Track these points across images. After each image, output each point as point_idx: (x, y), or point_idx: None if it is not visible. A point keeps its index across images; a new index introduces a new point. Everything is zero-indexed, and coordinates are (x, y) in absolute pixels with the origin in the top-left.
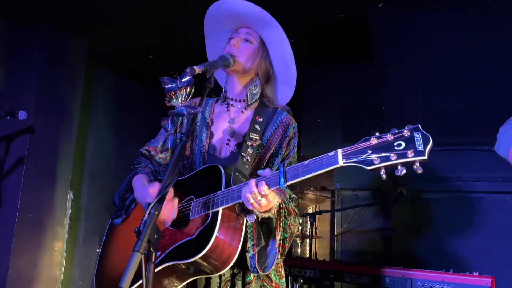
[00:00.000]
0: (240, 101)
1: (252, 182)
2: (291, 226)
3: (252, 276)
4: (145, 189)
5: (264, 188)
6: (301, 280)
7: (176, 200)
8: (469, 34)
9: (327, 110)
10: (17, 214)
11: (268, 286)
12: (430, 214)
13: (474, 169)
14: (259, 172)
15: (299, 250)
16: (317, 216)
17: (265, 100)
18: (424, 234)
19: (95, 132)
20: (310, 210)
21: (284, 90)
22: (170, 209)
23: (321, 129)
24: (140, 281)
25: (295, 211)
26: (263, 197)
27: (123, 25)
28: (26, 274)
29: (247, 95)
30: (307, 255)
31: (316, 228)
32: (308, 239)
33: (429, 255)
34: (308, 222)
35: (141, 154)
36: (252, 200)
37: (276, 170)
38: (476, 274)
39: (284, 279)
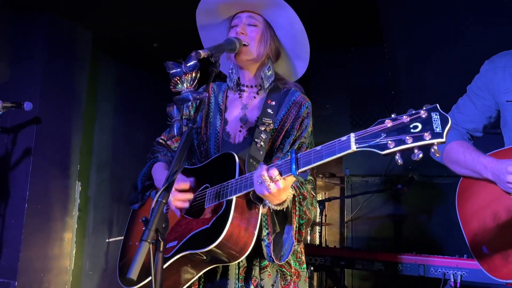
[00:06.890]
0: (252, 86)
1: (263, 165)
2: (307, 212)
3: (267, 261)
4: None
5: (274, 172)
6: (312, 268)
7: (190, 192)
8: (481, 15)
9: (336, 95)
10: (26, 205)
11: (287, 272)
12: (442, 199)
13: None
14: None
15: (309, 238)
16: (326, 203)
17: (278, 81)
18: (436, 220)
19: (102, 121)
20: (320, 197)
21: (297, 64)
22: (183, 199)
23: (329, 115)
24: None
25: (312, 194)
26: (273, 182)
27: (126, 13)
28: (36, 265)
29: (262, 79)
30: (317, 242)
31: (325, 215)
32: (317, 227)
33: (442, 241)
34: (318, 209)
35: (158, 143)
36: (260, 180)
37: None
38: None
39: (304, 265)
